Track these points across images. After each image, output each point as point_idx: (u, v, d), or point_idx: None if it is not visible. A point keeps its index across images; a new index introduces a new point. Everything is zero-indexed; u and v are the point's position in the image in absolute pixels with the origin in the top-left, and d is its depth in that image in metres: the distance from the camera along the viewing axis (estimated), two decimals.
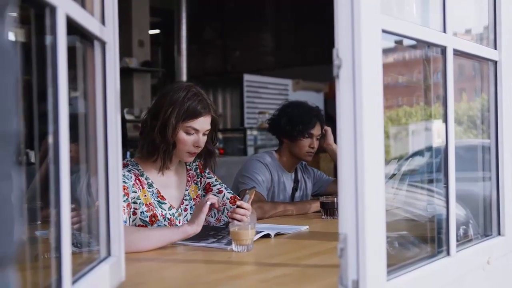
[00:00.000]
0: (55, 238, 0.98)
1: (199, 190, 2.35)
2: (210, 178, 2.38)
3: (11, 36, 0.59)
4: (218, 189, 2.36)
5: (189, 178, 2.33)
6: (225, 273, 1.61)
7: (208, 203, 1.94)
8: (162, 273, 1.63)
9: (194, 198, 2.32)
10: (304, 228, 2.31)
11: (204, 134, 2.20)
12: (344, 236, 1.15)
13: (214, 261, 1.74)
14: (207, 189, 2.35)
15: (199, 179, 2.37)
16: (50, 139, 0.97)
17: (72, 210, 1.04)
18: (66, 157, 0.99)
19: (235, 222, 1.96)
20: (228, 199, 2.31)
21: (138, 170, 2.19)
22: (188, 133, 2.15)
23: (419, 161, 2.39)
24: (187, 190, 2.30)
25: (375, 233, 1.16)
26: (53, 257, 1.00)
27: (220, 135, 7.65)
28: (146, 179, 2.19)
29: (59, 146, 0.97)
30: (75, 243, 1.30)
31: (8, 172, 0.55)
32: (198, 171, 2.37)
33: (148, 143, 2.16)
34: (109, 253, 1.34)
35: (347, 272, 1.15)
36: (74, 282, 1.06)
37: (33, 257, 1.24)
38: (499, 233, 1.76)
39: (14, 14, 0.61)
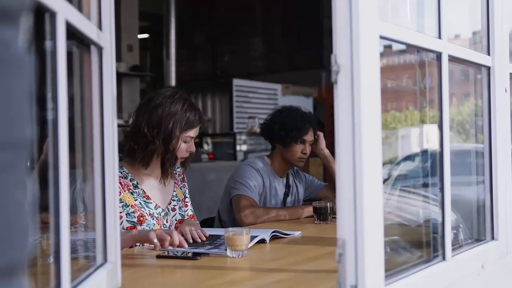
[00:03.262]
0: (54, 244, 0.97)
1: (182, 194, 2.44)
2: (186, 189, 2.48)
3: (25, 44, 0.59)
4: (186, 202, 2.47)
5: (176, 181, 2.42)
6: (221, 278, 1.60)
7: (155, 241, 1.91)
8: (157, 279, 1.62)
9: (181, 200, 2.41)
10: (297, 233, 2.31)
11: (194, 140, 2.32)
12: (343, 242, 1.15)
13: (210, 266, 1.73)
14: (184, 199, 2.45)
15: (182, 185, 2.46)
16: (50, 145, 0.97)
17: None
18: (65, 162, 0.98)
19: (230, 228, 1.97)
20: (188, 216, 2.41)
21: (121, 173, 2.23)
22: (185, 142, 2.26)
23: (409, 166, 2.41)
24: (175, 191, 2.39)
25: (373, 238, 1.16)
26: (50, 263, 1.00)
27: (209, 140, 7.64)
28: (130, 180, 2.24)
29: (58, 151, 0.96)
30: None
31: (22, 179, 0.55)
32: (180, 177, 2.46)
33: (148, 153, 2.21)
34: (105, 259, 1.33)
35: (346, 278, 1.15)
36: None
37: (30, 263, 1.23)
38: (492, 238, 1.77)
39: (29, 22, 0.61)
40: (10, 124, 0.53)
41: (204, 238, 2.10)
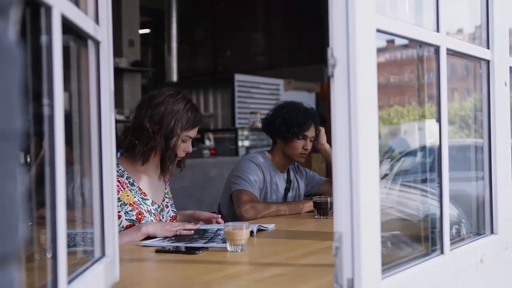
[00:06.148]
0: (51, 239, 0.97)
1: (170, 193, 2.48)
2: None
3: (15, 36, 0.59)
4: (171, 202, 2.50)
5: (166, 180, 2.44)
6: (220, 273, 1.60)
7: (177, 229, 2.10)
8: (156, 274, 1.63)
9: (171, 198, 2.44)
10: (272, 226, 2.33)
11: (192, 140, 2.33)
12: (339, 235, 1.15)
13: (208, 261, 1.73)
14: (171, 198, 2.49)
15: (168, 185, 2.49)
16: (46, 141, 0.97)
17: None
18: (61, 157, 0.98)
19: (229, 222, 1.97)
20: (170, 217, 2.40)
21: (117, 171, 2.23)
22: (184, 141, 2.28)
23: (411, 161, 2.40)
24: (166, 189, 2.42)
25: (370, 232, 1.16)
26: (47, 257, 1.00)
27: (211, 136, 7.64)
28: (127, 178, 2.25)
29: (54, 147, 0.97)
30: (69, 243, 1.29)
31: (13, 170, 0.55)
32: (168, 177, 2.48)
33: (149, 149, 2.23)
34: (103, 253, 1.33)
35: (342, 271, 1.15)
36: (69, 282, 1.06)
37: (25, 257, 1.23)
38: (492, 232, 1.77)
39: (18, 14, 0.61)
40: (0, 115, 0.54)
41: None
